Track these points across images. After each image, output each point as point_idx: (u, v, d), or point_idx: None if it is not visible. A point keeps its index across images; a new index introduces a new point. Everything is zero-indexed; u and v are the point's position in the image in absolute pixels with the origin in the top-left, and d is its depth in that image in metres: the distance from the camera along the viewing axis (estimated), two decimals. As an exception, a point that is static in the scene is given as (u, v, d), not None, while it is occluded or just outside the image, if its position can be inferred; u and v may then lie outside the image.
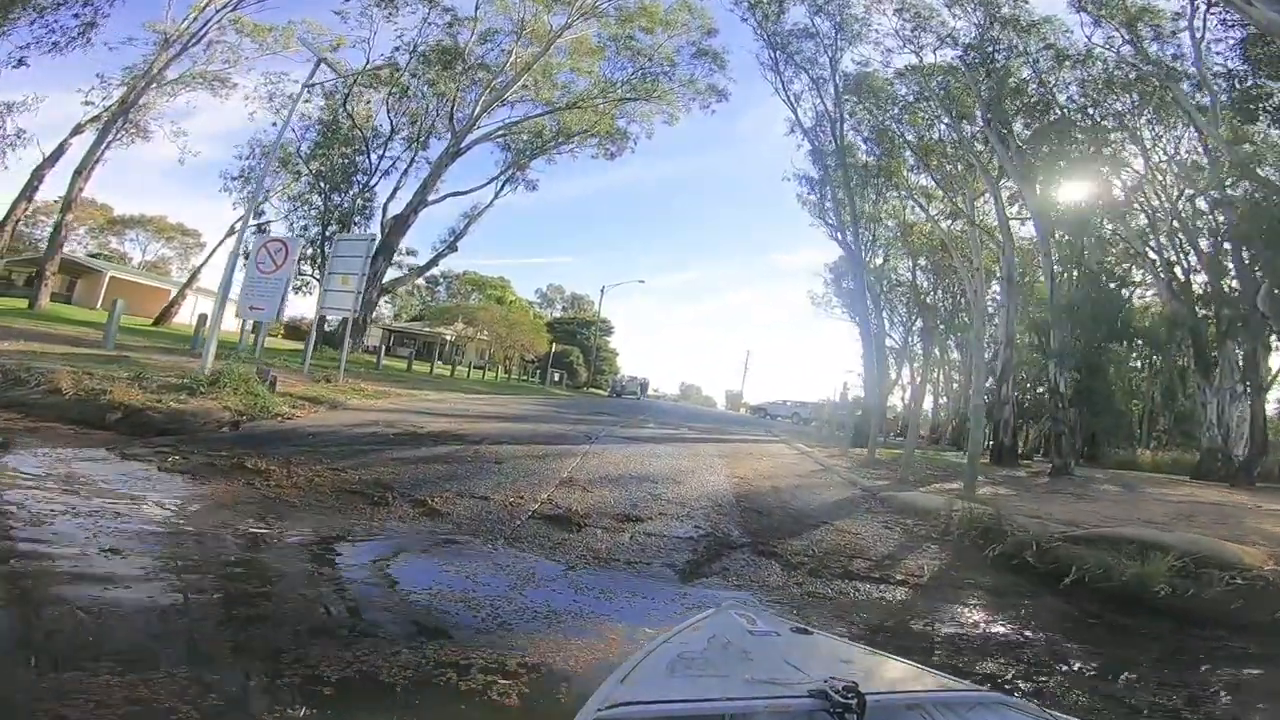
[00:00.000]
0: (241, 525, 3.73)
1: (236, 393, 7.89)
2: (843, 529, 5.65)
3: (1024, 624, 3.86)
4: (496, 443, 7.64)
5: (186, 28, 21.63)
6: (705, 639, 1.36)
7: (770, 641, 1.38)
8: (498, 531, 4.29)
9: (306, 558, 3.51)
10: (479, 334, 41.79)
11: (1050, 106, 19.10)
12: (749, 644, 1.33)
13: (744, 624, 1.46)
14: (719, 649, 1.30)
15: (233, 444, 6.11)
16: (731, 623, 1.47)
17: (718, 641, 1.33)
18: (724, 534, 4.98)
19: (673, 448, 9.90)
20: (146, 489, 4.29)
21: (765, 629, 1.45)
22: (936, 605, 4.09)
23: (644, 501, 5.56)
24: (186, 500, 4.23)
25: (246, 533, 3.63)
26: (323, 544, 3.68)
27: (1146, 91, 18.20)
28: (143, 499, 3.99)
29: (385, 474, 5.42)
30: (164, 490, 4.32)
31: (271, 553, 3.46)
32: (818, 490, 7.51)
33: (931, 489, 8.65)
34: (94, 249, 56.26)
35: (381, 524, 4.17)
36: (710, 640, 1.34)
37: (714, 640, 1.34)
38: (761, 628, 1.45)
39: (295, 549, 3.57)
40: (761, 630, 1.43)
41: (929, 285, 34.65)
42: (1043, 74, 19.16)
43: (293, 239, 14.81)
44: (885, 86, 22.32)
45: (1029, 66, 19.34)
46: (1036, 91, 19.31)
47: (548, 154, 26.99)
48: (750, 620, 1.49)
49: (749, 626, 1.44)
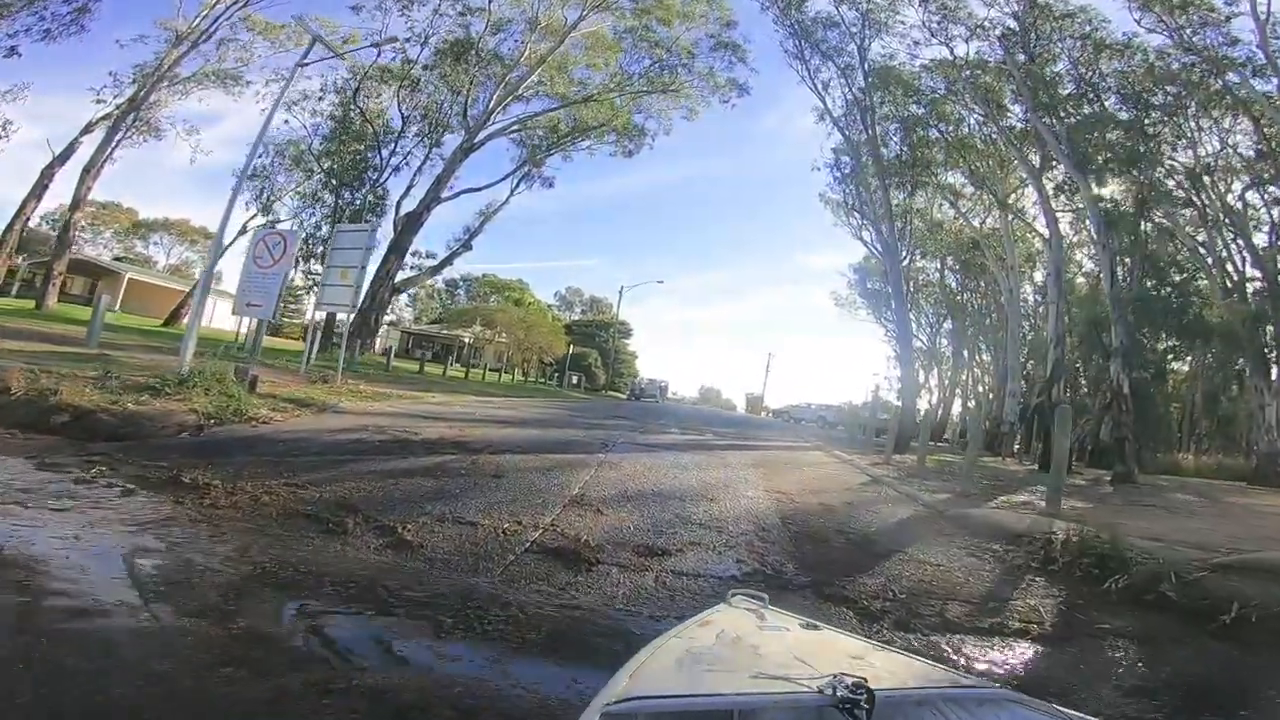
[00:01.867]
0: (129, 562, 2.75)
1: (208, 394, 7.00)
2: (920, 559, 4.55)
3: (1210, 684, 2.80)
4: (499, 452, 6.63)
5: (197, 24, 21.11)
6: (714, 634, 1.32)
7: (779, 636, 1.35)
8: (482, 571, 3.27)
9: (148, 623, 2.27)
10: (497, 336, 41.16)
11: (1086, 97, 17.95)
12: (758, 639, 1.31)
13: (753, 619, 1.43)
14: (728, 644, 1.27)
15: (184, 452, 5.19)
16: (740, 617, 1.44)
17: (726, 636, 1.30)
18: (775, 570, 3.92)
19: (699, 456, 8.82)
20: (40, 506, 3.34)
21: (774, 624, 1.41)
22: (1081, 664, 3.02)
23: (671, 526, 4.51)
24: (85, 524, 3.26)
25: (127, 573, 2.65)
26: (221, 596, 2.62)
27: (1192, 82, 17.03)
28: (18, 517, 3.03)
29: (354, 491, 4.43)
30: (63, 509, 3.36)
31: (114, 618, 2.25)
32: (874, 507, 6.38)
33: (1001, 503, 7.51)
34: (119, 252, 56.80)
35: (327, 560, 3.16)
36: (719, 635, 1.31)
37: (723, 635, 1.31)
38: (770, 623, 1.42)
39: (150, 607, 2.40)
40: (770, 625, 1.40)
41: (957, 285, 33.57)
42: (1080, 65, 18.03)
43: (292, 232, 14.06)
44: (912, 80, 21.20)
45: (1065, 58, 18.29)
46: (1075, 83, 18.17)
47: (564, 150, 26.12)
48: (759, 615, 1.47)
49: (758, 621, 1.42)
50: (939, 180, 24.64)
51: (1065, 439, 6.54)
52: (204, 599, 2.47)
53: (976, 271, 30.22)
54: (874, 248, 31.75)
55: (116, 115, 19.52)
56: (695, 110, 26.17)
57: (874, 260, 35.01)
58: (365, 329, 24.17)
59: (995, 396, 30.70)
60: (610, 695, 1.02)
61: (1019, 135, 19.54)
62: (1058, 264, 18.40)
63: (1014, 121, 19.87)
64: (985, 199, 24.38)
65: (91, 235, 56.22)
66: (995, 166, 22.30)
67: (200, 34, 21.16)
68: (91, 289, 38.98)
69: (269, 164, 23.21)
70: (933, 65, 20.71)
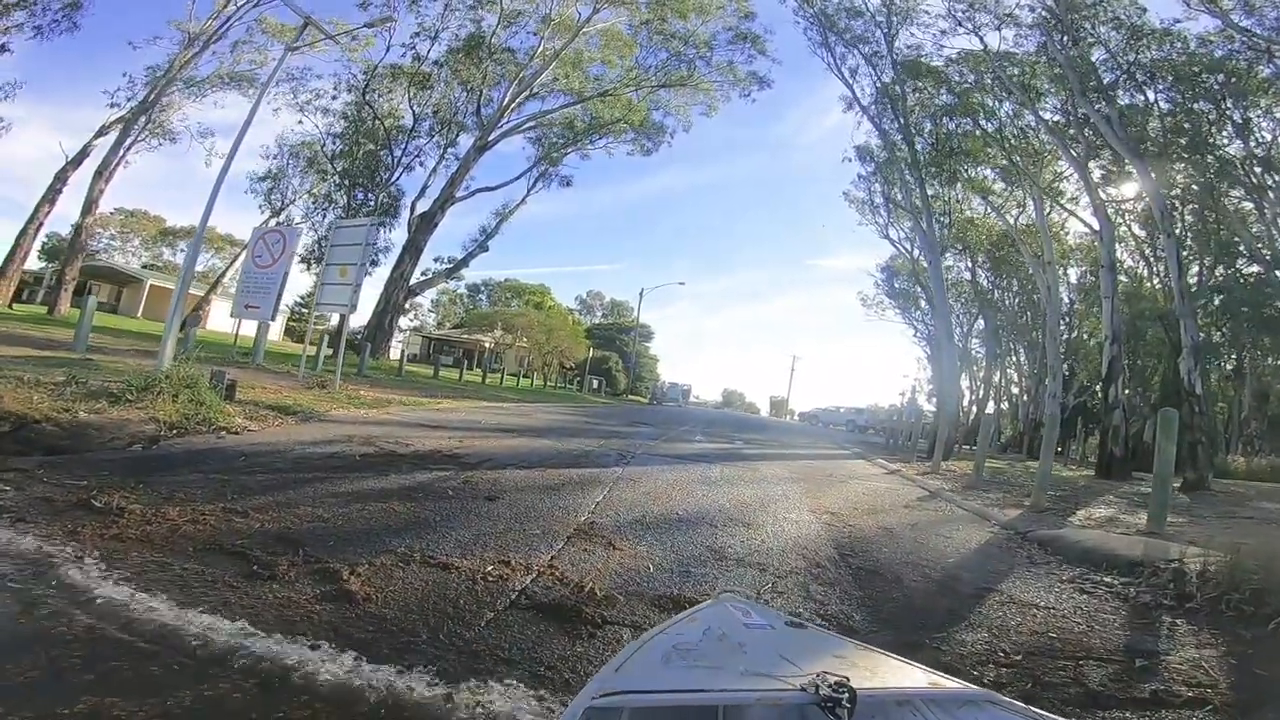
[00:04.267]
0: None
1: (176, 400, 6.22)
2: (1022, 600, 3.58)
3: None
4: (499, 467, 5.75)
5: (209, 25, 20.72)
6: (701, 630, 1.30)
7: (765, 634, 1.32)
8: (444, 643, 2.34)
9: None
10: (518, 341, 40.56)
11: (1129, 85, 16.73)
12: (744, 636, 1.28)
13: (739, 616, 1.39)
14: (714, 640, 1.25)
15: (121, 469, 4.36)
16: (727, 614, 1.40)
17: (713, 633, 1.28)
18: (841, 624, 2.97)
19: (729, 468, 7.85)
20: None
21: (760, 621, 1.37)
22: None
23: (700, 564, 3.56)
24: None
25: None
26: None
27: (1237, 69, 15.80)
28: None
29: (304, 520, 3.55)
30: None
31: None
32: (943, 531, 5.36)
33: (1086, 520, 6.45)
34: (147, 259, 57.49)
35: (233, 617, 2.25)
36: (706, 632, 1.29)
37: (709, 632, 1.29)
38: (756, 620, 1.38)
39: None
40: (756, 623, 1.36)
41: (989, 283, 32.41)
42: (1121, 54, 16.80)
43: (292, 229, 13.38)
44: (941, 71, 20.10)
45: (1102, 47, 17.08)
46: (1116, 71, 16.95)
47: (580, 148, 25.33)
48: (745, 612, 1.42)
49: (744, 619, 1.37)
50: (968, 175, 23.53)
51: (1171, 446, 5.46)
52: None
53: (1009, 269, 29.23)
54: (902, 246, 30.71)
55: (128, 118, 19.12)
56: (714, 106, 25.28)
57: (901, 260, 33.88)
58: (380, 332, 23.60)
59: (1031, 397, 29.57)
60: (596, 689, 1.02)
61: (1058, 126, 18.37)
62: (1110, 256, 17.08)
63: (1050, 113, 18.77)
64: (1018, 194, 23.24)
65: (120, 242, 57.12)
66: (1029, 159, 21.11)
67: (212, 35, 20.76)
68: (117, 296, 39.30)
69: (283, 166, 22.77)
70: (961, 57, 19.67)
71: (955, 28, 18.96)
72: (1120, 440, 14.18)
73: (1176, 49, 16.00)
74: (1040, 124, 19.13)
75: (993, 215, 25.95)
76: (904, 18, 19.48)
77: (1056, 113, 18.53)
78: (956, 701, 1.11)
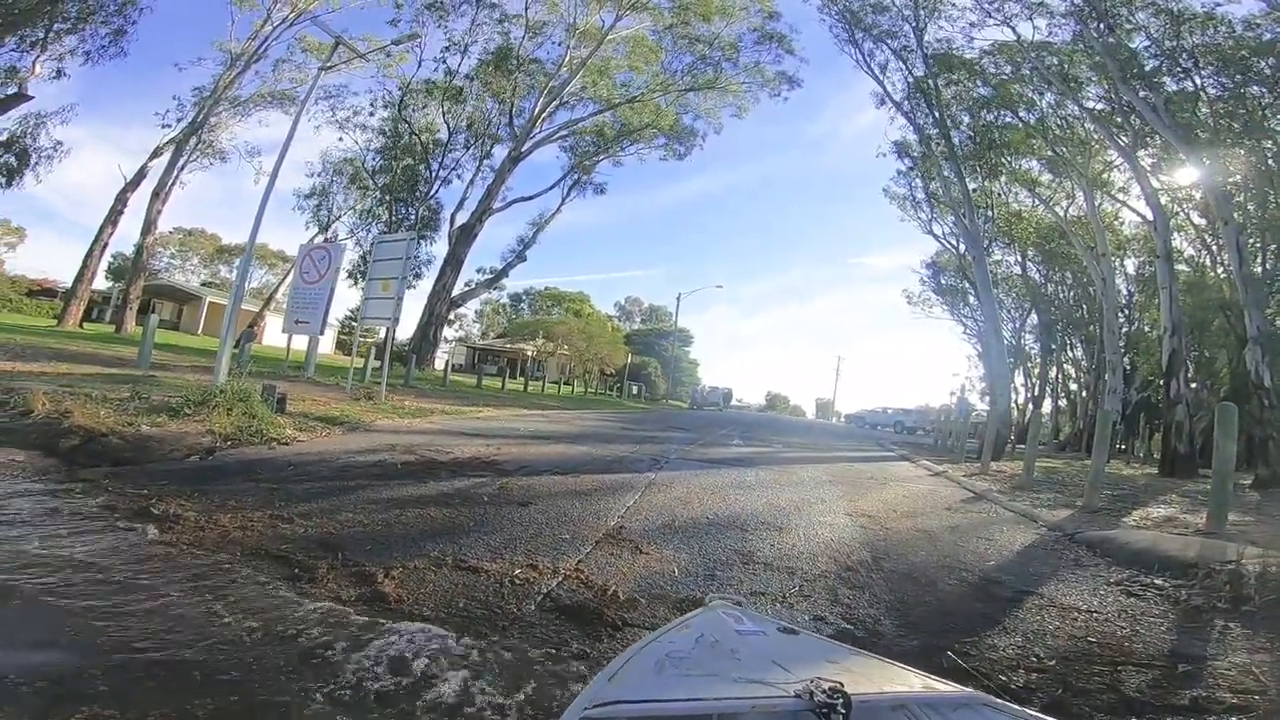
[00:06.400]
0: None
1: (230, 413, 6.54)
2: (1063, 604, 3.47)
3: None
4: (534, 473, 5.86)
5: (249, 44, 21.64)
6: (693, 638, 1.30)
7: (757, 641, 1.33)
8: (476, 635, 2.43)
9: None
10: (559, 349, 41.05)
11: (1174, 71, 15.93)
12: (736, 643, 1.29)
13: (731, 623, 1.40)
14: (707, 648, 1.26)
15: (179, 478, 4.62)
16: (719, 621, 1.42)
17: (706, 640, 1.29)
18: (868, 629, 2.93)
19: (765, 472, 7.80)
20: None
21: (752, 628, 1.39)
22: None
23: (727, 567, 3.57)
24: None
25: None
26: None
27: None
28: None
29: (345, 526, 3.70)
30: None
31: None
32: (985, 533, 5.22)
33: (1140, 520, 6.19)
34: (205, 277, 60.16)
35: (269, 618, 2.38)
36: (699, 639, 1.30)
37: (702, 639, 1.29)
38: (749, 627, 1.40)
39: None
40: (749, 629, 1.38)
41: (1041, 277, 31.36)
42: (1162, 40, 16.03)
43: (337, 244, 13.86)
44: (974, 63, 19.56)
45: (1142, 33, 16.35)
46: (1159, 58, 16.18)
47: (612, 154, 25.57)
48: (737, 619, 1.44)
49: (736, 625, 1.39)
50: (1012, 167, 22.82)
51: (1231, 442, 5.19)
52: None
53: (1061, 261, 28.25)
54: (947, 241, 29.95)
55: (179, 139, 20.14)
56: (745, 107, 25.18)
57: (947, 255, 33.05)
58: (425, 344, 24.21)
59: (1089, 393, 28.46)
60: (589, 699, 1.02)
61: (1103, 115, 17.68)
62: (1165, 246, 16.32)
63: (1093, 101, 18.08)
64: (1066, 185, 22.44)
65: (180, 261, 60.06)
66: (1076, 150, 20.35)
67: (253, 55, 21.67)
68: (178, 313, 41.33)
69: (328, 183, 23.60)
70: (995, 48, 19.12)
71: (985, 19, 18.50)
72: (1185, 436, 13.52)
73: (1222, 33, 15.23)
74: (1084, 113, 18.48)
75: (1041, 207, 25.13)
76: (931, 11, 19.08)
77: (1100, 100, 17.85)
78: (951, 705, 1.12)
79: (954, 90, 20.32)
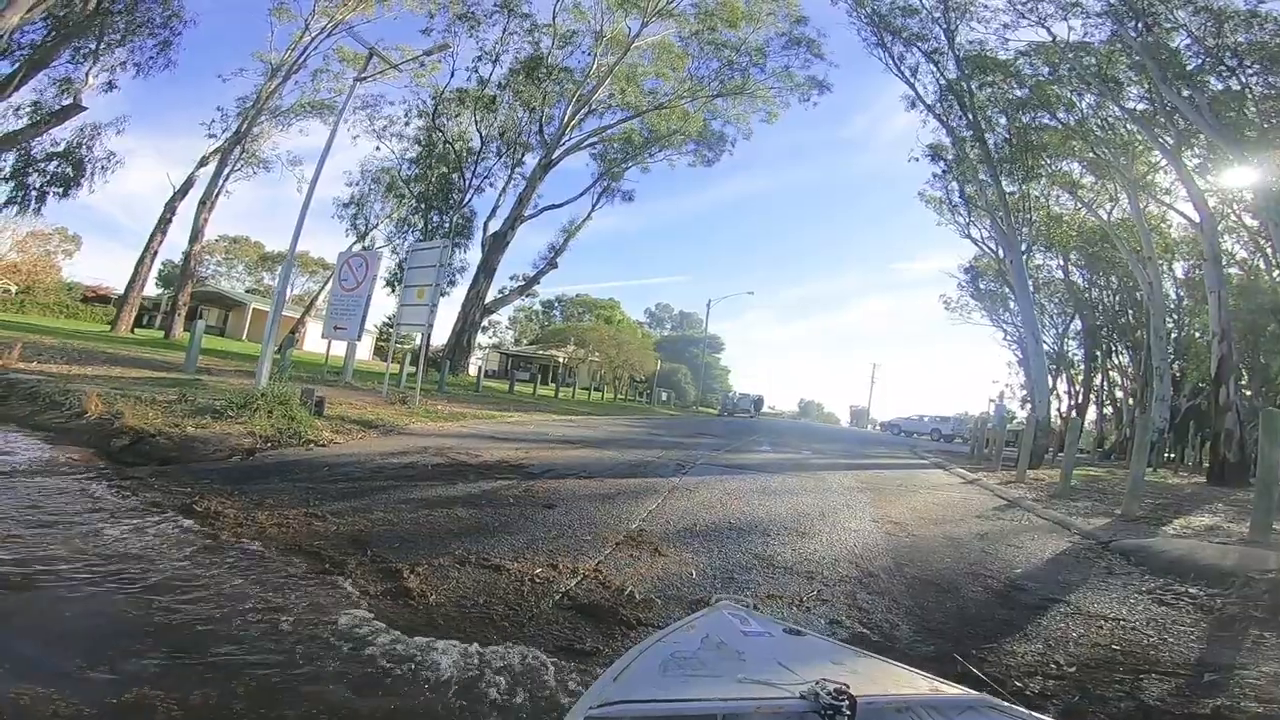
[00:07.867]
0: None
1: (270, 416, 6.80)
2: (1089, 612, 3.41)
3: None
4: (560, 476, 5.95)
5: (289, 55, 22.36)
6: (699, 639, 1.31)
7: (763, 642, 1.34)
8: (487, 636, 2.51)
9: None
10: (590, 355, 41.32)
11: (1217, 70, 15.33)
12: (742, 644, 1.30)
13: (737, 624, 1.41)
14: (712, 648, 1.27)
15: (221, 478, 4.83)
16: (725, 622, 1.43)
17: (711, 641, 1.30)
18: (885, 634, 2.92)
19: (791, 478, 7.76)
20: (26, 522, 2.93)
21: (758, 629, 1.40)
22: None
23: (745, 571, 3.59)
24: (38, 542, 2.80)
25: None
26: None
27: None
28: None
29: (376, 523, 3.84)
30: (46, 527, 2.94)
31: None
32: (1014, 540, 5.13)
33: (1181, 529, 5.99)
34: (250, 284, 62.15)
35: (298, 609, 2.50)
36: (704, 640, 1.30)
37: (707, 640, 1.30)
38: (754, 628, 1.40)
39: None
40: (754, 630, 1.39)
41: (1084, 281, 30.39)
42: (1200, 39, 15.46)
43: (374, 252, 14.23)
44: (1008, 65, 19.14)
45: (1183, 31, 15.78)
46: (1201, 56, 15.60)
47: (639, 161, 25.74)
48: (743, 620, 1.45)
49: (742, 626, 1.40)
50: (1051, 169, 22.20)
51: (1276, 449, 4.99)
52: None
53: (1105, 266, 27.34)
54: (985, 245, 29.26)
55: (224, 149, 20.95)
56: (774, 113, 25.13)
57: (985, 259, 32.28)
58: (459, 350, 24.66)
59: (1136, 401, 27.48)
60: (595, 698, 1.02)
61: (1144, 115, 17.13)
62: (1213, 249, 15.72)
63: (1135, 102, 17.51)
64: (1109, 187, 21.76)
65: (226, 268, 62.21)
66: (1118, 151, 19.74)
67: (292, 65, 22.39)
68: (224, 319, 42.81)
69: (365, 192, 24.23)
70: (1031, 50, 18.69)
71: (1018, 20, 18.10)
72: (1234, 445, 12.98)
73: (1269, 30, 14.66)
74: (1125, 114, 17.95)
75: (1083, 210, 24.43)
76: (961, 13, 18.74)
77: (1141, 101, 17.31)
78: (956, 707, 1.13)
79: (988, 92, 19.93)
